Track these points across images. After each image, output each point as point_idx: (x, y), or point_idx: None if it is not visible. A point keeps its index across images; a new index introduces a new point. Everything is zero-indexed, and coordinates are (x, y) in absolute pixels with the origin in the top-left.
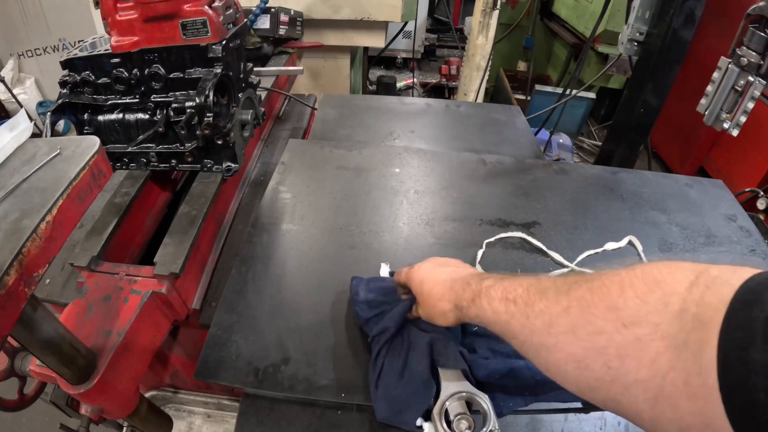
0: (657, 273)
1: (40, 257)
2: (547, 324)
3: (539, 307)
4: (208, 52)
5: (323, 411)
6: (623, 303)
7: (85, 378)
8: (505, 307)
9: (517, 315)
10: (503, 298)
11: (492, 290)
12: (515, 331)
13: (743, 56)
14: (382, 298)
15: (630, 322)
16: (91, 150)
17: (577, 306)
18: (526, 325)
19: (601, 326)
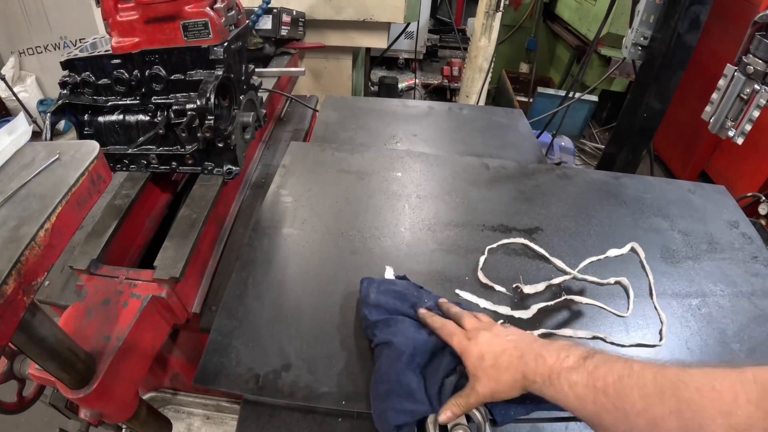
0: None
1: (38, 265)
2: (651, 424)
3: (640, 406)
4: (210, 53)
5: (323, 418)
6: (736, 408)
7: (84, 382)
8: (594, 397)
9: (609, 408)
10: (590, 386)
11: (574, 374)
12: (605, 424)
13: (749, 64)
14: (394, 303)
15: (743, 428)
16: (91, 155)
17: (687, 409)
18: (623, 422)
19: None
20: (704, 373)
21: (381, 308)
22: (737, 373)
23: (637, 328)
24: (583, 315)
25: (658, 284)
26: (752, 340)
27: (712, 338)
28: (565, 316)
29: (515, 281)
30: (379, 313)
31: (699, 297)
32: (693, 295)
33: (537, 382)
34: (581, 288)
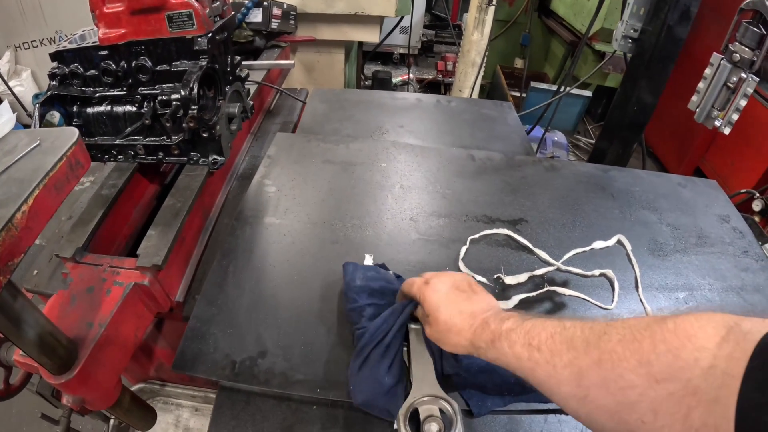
0: (689, 327)
1: (15, 246)
2: (576, 375)
3: (567, 358)
4: (194, 44)
5: (298, 406)
6: (655, 358)
7: (66, 368)
8: (529, 354)
9: (542, 363)
10: (526, 344)
11: (513, 334)
12: (540, 379)
13: (736, 52)
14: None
15: (662, 378)
16: (69, 141)
17: (608, 359)
18: (554, 375)
19: (632, 380)
20: (628, 325)
21: (368, 291)
22: (659, 322)
23: None
24: (566, 307)
25: (645, 277)
26: None
27: None
28: (547, 308)
29: (497, 272)
30: (369, 297)
31: (686, 290)
32: (680, 288)
33: (482, 347)
34: (565, 280)
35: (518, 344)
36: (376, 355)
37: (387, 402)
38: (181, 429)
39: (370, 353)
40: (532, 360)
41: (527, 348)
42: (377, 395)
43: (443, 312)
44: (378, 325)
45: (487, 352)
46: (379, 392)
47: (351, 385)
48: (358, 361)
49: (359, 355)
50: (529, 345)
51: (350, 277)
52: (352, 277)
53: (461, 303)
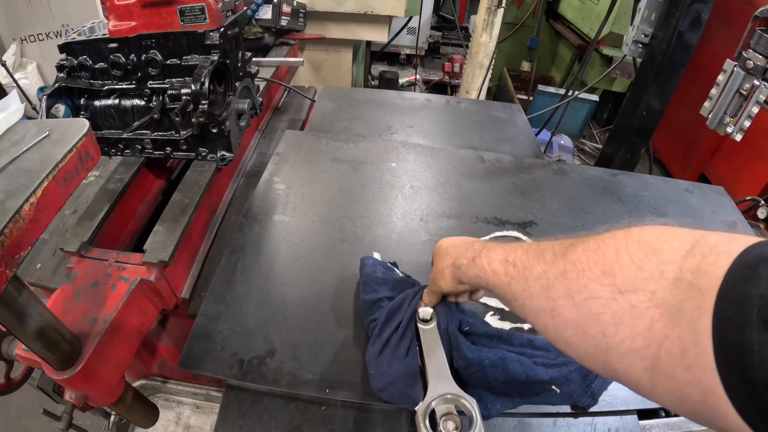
0: (653, 239)
1: (22, 239)
2: (545, 288)
3: (537, 270)
4: (206, 38)
5: (306, 406)
6: (619, 269)
7: (69, 364)
8: (505, 269)
9: (516, 277)
10: (503, 260)
11: (493, 251)
12: (515, 294)
13: (749, 59)
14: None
15: (625, 288)
16: (80, 132)
17: (573, 269)
18: (526, 289)
19: (596, 291)
20: (594, 237)
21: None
22: (624, 233)
23: None
24: None
25: None
26: None
27: None
28: None
29: None
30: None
31: None
32: None
33: (463, 264)
34: None
35: (496, 261)
36: (395, 338)
37: (407, 386)
38: (181, 427)
39: (390, 337)
40: (508, 275)
41: (503, 264)
42: (400, 377)
43: (443, 245)
44: (393, 309)
45: (468, 270)
46: (401, 374)
47: (371, 370)
48: (378, 344)
49: (377, 340)
50: (505, 261)
51: (371, 269)
52: (373, 269)
53: (458, 239)
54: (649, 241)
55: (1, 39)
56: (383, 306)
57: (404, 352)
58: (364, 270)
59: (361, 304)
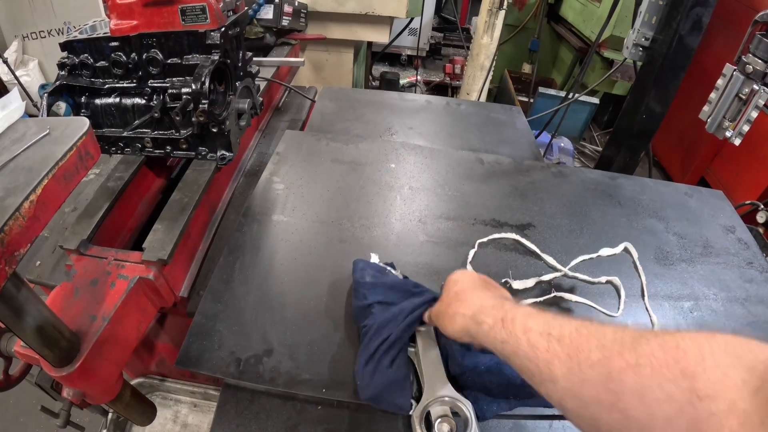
0: (739, 347)
1: (22, 236)
2: (605, 378)
3: (596, 357)
4: (207, 38)
5: (303, 406)
6: (702, 372)
7: (67, 361)
8: (548, 345)
9: (562, 357)
10: (545, 333)
11: (531, 319)
12: (556, 375)
13: (749, 63)
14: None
15: (705, 394)
16: (80, 131)
17: (647, 364)
18: (576, 373)
19: (672, 392)
20: (669, 333)
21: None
22: (706, 336)
23: None
24: (572, 313)
25: (651, 285)
26: None
27: None
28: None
29: (504, 276)
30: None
31: (692, 300)
32: (686, 297)
33: (487, 323)
34: (572, 286)
35: (535, 331)
36: (381, 350)
37: (394, 395)
38: (179, 425)
39: (377, 348)
40: (551, 352)
41: (545, 337)
42: (383, 389)
43: (460, 284)
44: (387, 320)
45: (492, 331)
46: (384, 385)
47: (358, 381)
48: (364, 356)
49: (365, 351)
50: (548, 335)
51: (360, 274)
52: (362, 274)
53: (480, 282)
54: (735, 349)
55: (3, 36)
56: (373, 312)
57: (388, 363)
58: (354, 275)
59: (353, 309)
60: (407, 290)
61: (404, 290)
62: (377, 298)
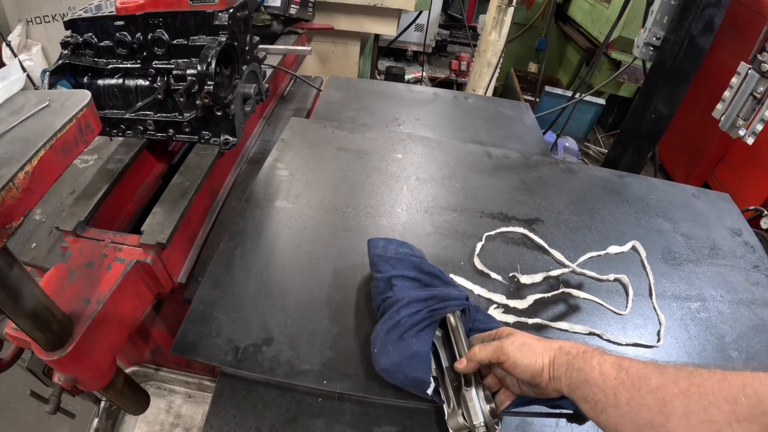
0: None
1: (15, 208)
2: (660, 402)
3: (655, 383)
4: (214, 19)
5: (302, 397)
6: (743, 397)
7: (59, 345)
8: (617, 373)
9: (627, 384)
10: (616, 364)
11: (606, 355)
12: (620, 400)
13: (764, 62)
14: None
15: (744, 418)
16: (81, 103)
17: (696, 392)
18: (636, 398)
19: (714, 415)
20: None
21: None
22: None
23: (634, 327)
24: (580, 310)
25: (658, 285)
26: (750, 349)
27: (711, 344)
28: (562, 310)
29: (512, 270)
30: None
31: (699, 301)
32: (693, 298)
33: (571, 354)
34: (579, 282)
35: (608, 363)
36: (408, 323)
37: (414, 369)
38: (172, 415)
39: (402, 319)
40: (618, 379)
41: (616, 367)
42: (404, 359)
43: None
44: (419, 297)
45: (575, 360)
46: (406, 356)
47: (375, 348)
48: (387, 324)
49: (388, 320)
50: (618, 365)
51: (382, 250)
52: (384, 250)
53: None
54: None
55: (7, 20)
56: (396, 284)
57: (413, 335)
58: (374, 251)
59: (374, 284)
60: (437, 276)
61: (435, 274)
62: (403, 273)
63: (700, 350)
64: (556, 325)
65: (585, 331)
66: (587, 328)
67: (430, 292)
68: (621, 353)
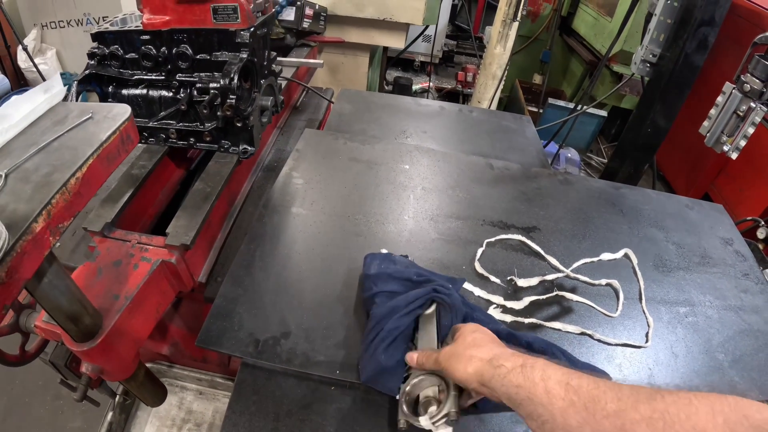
0: (747, 407)
1: (66, 210)
2: (618, 429)
3: (611, 408)
4: (236, 37)
5: (317, 386)
6: (712, 429)
7: (89, 337)
8: (565, 393)
9: (578, 407)
10: (563, 382)
11: (550, 369)
12: (570, 424)
13: (747, 82)
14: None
15: None
16: (123, 116)
17: (660, 419)
18: (589, 422)
19: None
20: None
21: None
22: (718, 396)
23: (624, 328)
24: (573, 311)
25: (648, 290)
26: (737, 352)
27: (698, 346)
28: (556, 311)
29: (510, 274)
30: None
31: (687, 306)
32: (682, 303)
33: (505, 367)
34: (573, 286)
35: (553, 379)
36: (377, 340)
37: (385, 380)
38: (184, 411)
39: (374, 338)
40: (567, 400)
41: (564, 386)
42: (376, 374)
43: (479, 333)
44: (382, 313)
45: (510, 375)
46: (377, 371)
47: (359, 364)
48: (364, 344)
49: (365, 338)
50: (567, 384)
51: (367, 268)
52: (368, 267)
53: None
54: (744, 409)
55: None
56: (376, 302)
57: (381, 351)
58: (364, 271)
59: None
60: (408, 279)
61: (405, 279)
62: (380, 288)
63: (687, 351)
64: (549, 324)
65: (577, 331)
66: (579, 328)
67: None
68: (611, 353)
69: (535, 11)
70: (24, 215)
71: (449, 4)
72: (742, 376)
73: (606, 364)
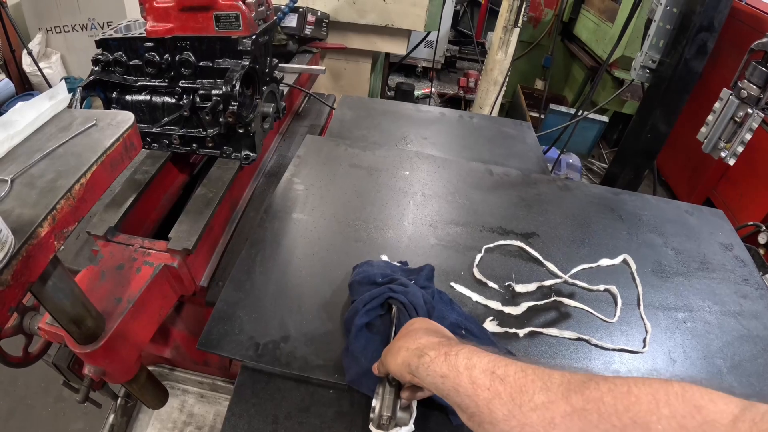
0: (699, 397)
1: (71, 215)
2: (547, 422)
3: (540, 399)
4: (238, 44)
5: (316, 389)
6: (656, 422)
7: (92, 339)
8: (490, 383)
9: (504, 398)
10: (488, 371)
11: (476, 356)
12: (496, 416)
13: (744, 89)
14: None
15: None
16: (126, 123)
17: (594, 410)
18: (516, 415)
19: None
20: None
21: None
22: (662, 382)
23: (621, 334)
24: (570, 317)
25: (647, 296)
26: (736, 358)
27: (696, 351)
28: (553, 317)
29: (508, 280)
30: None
31: (686, 311)
32: (680, 309)
33: (428, 356)
34: (571, 292)
35: (478, 368)
36: (350, 342)
37: (368, 381)
38: (185, 414)
39: (349, 342)
40: (493, 391)
41: (489, 375)
42: (358, 375)
43: (415, 324)
44: (347, 316)
45: (433, 365)
46: (358, 373)
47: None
48: (346, 345)
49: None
50: (492, 372)
51: (351, 277)
52: (353, 275)
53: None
54: (694, 398)
55: (28, 28)
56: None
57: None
58: None
59: None
60: (373, 282)
61: (371, 283)
62: (353, 296)
63: (685, 357)
64: (547, 331)
65: (574, 336)
66: (576, 334)
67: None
68: (608, 358)
69: (537, 17)
70: (29, 220)
71: (451, 10)
72: (741, 381)
73: (603, 369)
